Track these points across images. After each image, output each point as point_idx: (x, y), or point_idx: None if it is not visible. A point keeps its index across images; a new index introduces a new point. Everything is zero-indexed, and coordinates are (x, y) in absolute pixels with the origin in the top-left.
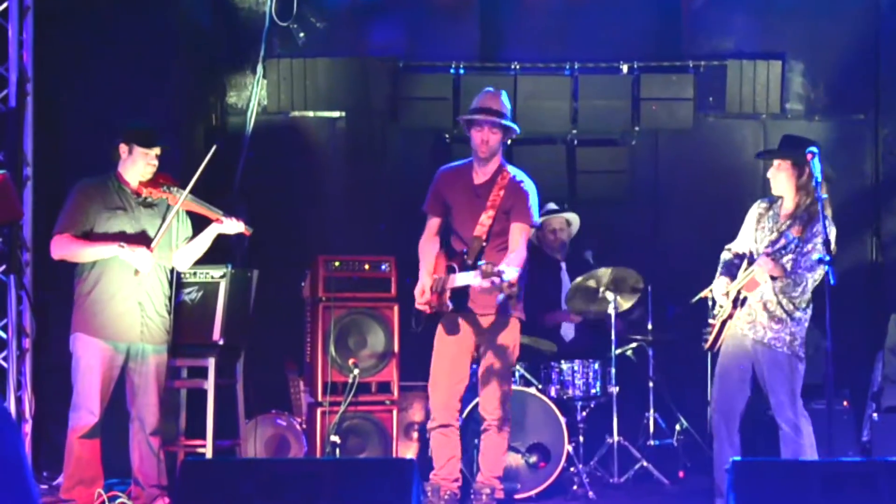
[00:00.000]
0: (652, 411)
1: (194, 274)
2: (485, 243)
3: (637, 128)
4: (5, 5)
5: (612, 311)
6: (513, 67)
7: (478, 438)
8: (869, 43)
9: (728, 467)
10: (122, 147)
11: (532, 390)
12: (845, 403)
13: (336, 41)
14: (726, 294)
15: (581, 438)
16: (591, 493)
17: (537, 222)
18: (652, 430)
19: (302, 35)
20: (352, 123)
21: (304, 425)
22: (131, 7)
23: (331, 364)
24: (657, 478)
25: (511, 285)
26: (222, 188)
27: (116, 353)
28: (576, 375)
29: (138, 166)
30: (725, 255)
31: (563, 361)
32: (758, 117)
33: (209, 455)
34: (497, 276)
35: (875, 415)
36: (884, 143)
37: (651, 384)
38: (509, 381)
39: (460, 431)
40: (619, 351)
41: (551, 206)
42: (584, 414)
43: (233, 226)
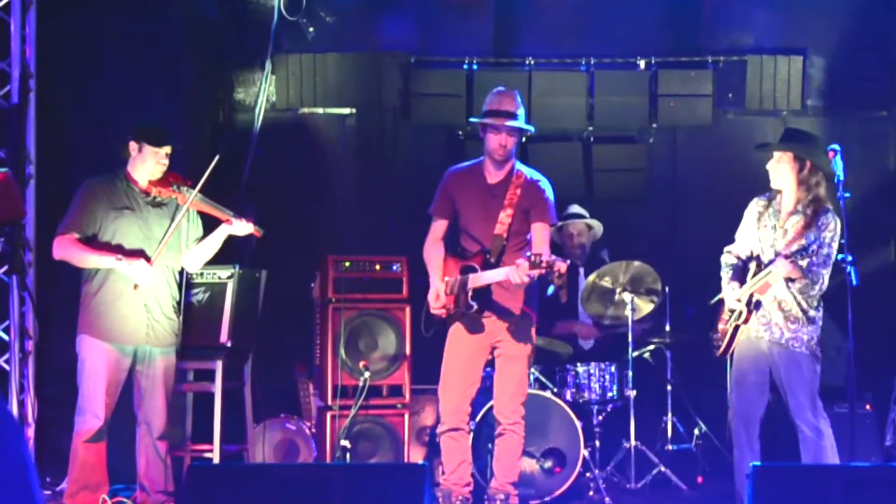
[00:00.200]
0: (670, 415)
1: (201, 275)
2: (506, 242)
3: (655, 125)
4: None
5: (629, 314)
6: (527, 63)
7: (491, 443)
8: (892, 38)
9: (748, 473)
10: (132, 145)
11: (547, 394)
12: (868, 407)
13: (346, 36)
14: (738, 299)
15: (597, 443)
16: (607, 499)
17: (557, 221)
18: (670, 434)
19: (311, 30)
20: (362, 120)
21: (313, 429)
22: (136, 1)
23: (341, 367)
24: (675, 483)
25: (560, 275)
26: (229, 186)
27: (123, 356)
28: (592, 378)
29: (148, 165)
30: (727, 259)
31: (579, 364)
32: (778, 114)
33: (216, 460)
34: (548, 266)
35: None
36: None
37: (669, 387)
38: (527, 383)
39: (474, 436)
40: (636, 353)
41: (574, 210)
42: (600, 418)
43: (243, 227)
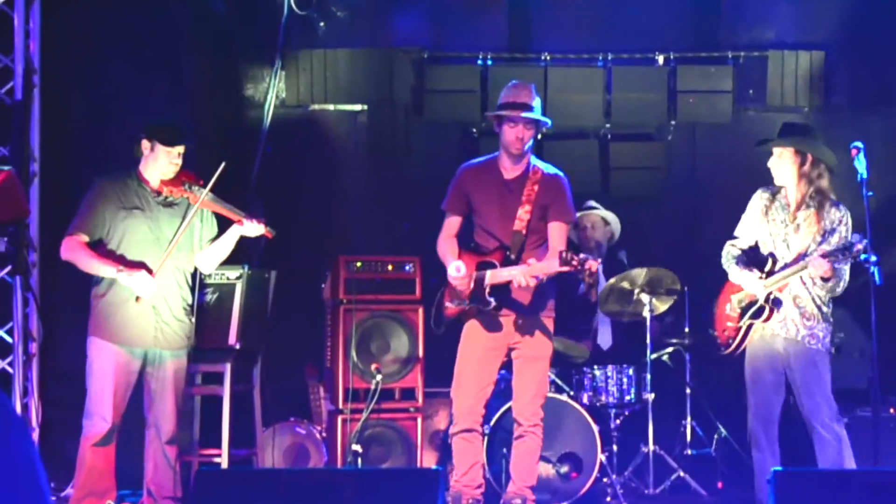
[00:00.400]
0: (689, 419)
1: (209, 275)
2: (525, 238)
3: (673, 122)
4: None
5: (647, 314)
6: (543, 58)
7: (506, 447)
8: None
9: (769, 478)
10: (144, 143)
11: (563, 397)
12: (892, 410)
13: (357, 31)
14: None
15: (615, 447)
16: None
17: (575, 219)
18: (689, 438)
19: (322, 24)
20: (374, 117)
21: (324, 434)
22: None
23: (352, 369)
24: (694, 489)
25: (591, 274)
26: (238, 184)
27: (132, 358)
28: (609, 381)
29: (160, 164)
30: (732, 251)
31: (595, 367)
32: (800, 110)
33: (224, 465)
34: (579, 264)
35: None
36: None
37: (688, 390)
38: (547, 384)
39: (488, 440)
40: (654, 356)
41: (590, 203)
42: (617, 422)
43: (254, 228)
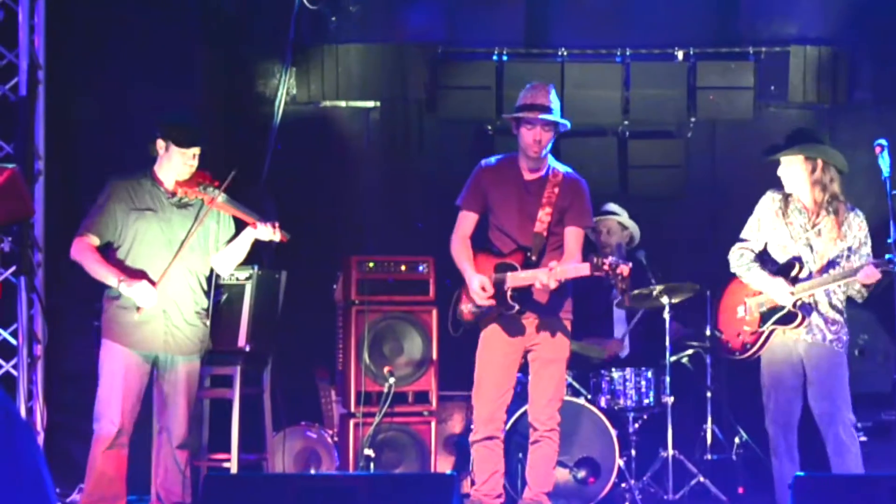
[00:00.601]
0: (709, 423)
1: (218, 276)
2: (546, 241)
3: (693, 119)
4: None
5: (667, 316)
6: (560, 54)
7: (522, 452)
8: None
9: (790, 483)
10: (160, 143)
11: (581, 400)
12: None
13: (370, 26)
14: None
15: (633, 452)
16: None
17: (592, 224)
18: (709, 443)
19: (334, 19)
20: (386, 114)
21: (335, 438)
22: None
23: (364, 372)
24: (715, 494)
25: (623, 279)
26: (248, 183)
27: (143, 362)
28: (627, 384)
29: (174, 165)
30: (749, 255)
31: (613, 370)
32: (822, 107)
33: (234, 470)
34: (611, 269)
35: None
36: None
37: (708, 394)
38: (564, 387)
39: (504, 444)
40: (674, 358)
41: (610, 207)
42: (636, 426)
43: (267, 232)
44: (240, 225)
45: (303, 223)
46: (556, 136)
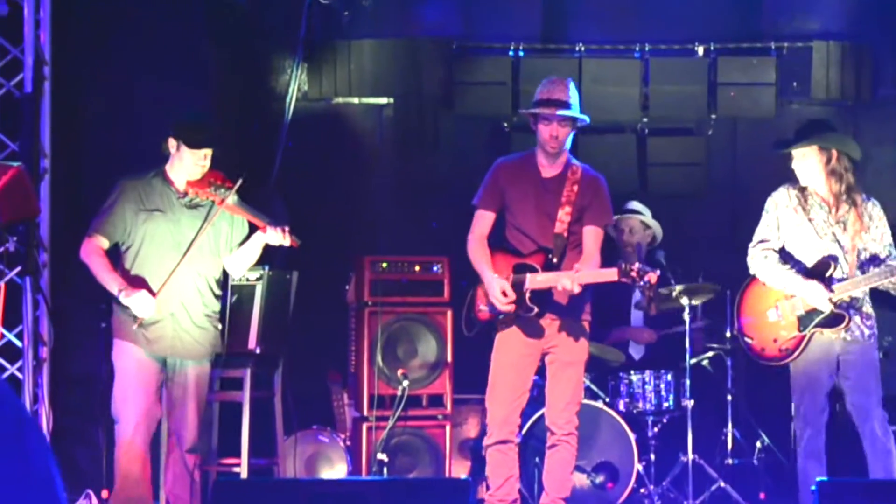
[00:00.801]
0: (730, 426)
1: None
2: (566, 241)
3: (714, 116)
4: None
5: (686, 318)
6: (577, 49)
7: (538, 456)
8: None
9: (814, 488)
10: (171, 142)
11: (599, 404)
12: None
13: (384, 21)
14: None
15: (652, 457)
16: None
17: (613, 221)
18: (730, 447)
19: (346, 14)
20: (401, 111)
21: (348, 442)
22: None
23: (378, 375)
24: (736, 499)
25: (651, 286)
26: (258, 181)
27: (153, 361)
28: (647, 388)
29: (186, 165)
30: (774, 257)
31: (632, 372)
32: (846, 104)
33: (244, 475)
34: (638, 275)
35: None
36: None
37: (729, 397)
38: (582, 391)
39: (520, 449)
40: (694, 361)
41: (633, 206)
42: (655, 430)
43: (277, 237)
44: (251, 227)
45: (314, 222)
46: (576, 132)
